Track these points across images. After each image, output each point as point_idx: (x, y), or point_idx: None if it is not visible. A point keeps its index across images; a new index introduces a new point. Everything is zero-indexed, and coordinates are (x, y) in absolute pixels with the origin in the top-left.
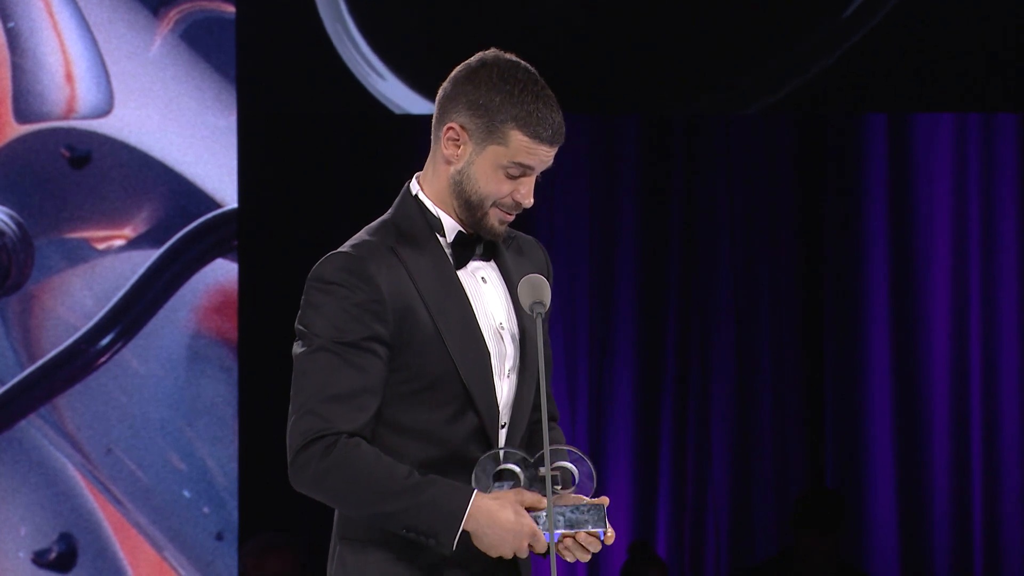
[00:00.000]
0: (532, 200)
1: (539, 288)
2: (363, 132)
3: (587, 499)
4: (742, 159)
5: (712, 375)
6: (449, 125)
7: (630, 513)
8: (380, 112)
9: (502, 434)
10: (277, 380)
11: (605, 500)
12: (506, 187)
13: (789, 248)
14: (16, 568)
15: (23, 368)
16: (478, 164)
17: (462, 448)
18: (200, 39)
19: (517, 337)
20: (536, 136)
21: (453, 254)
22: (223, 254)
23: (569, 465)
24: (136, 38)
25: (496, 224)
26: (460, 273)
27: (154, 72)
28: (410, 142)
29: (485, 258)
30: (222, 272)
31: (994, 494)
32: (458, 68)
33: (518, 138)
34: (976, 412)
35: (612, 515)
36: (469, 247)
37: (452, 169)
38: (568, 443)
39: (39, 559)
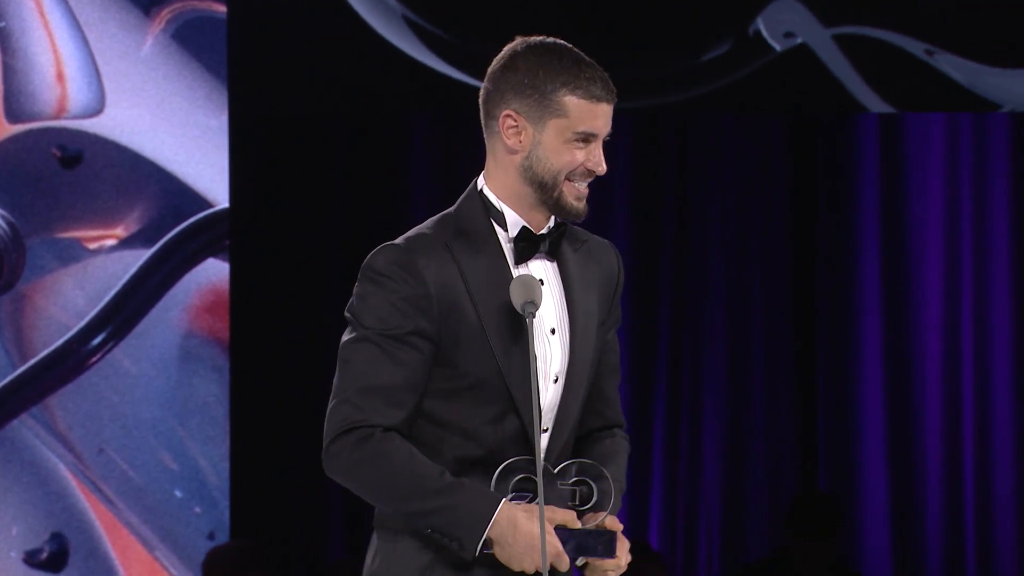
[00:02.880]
0: (605, 166)
1: (531, 288)
2: (355, 132)
3: (604, 516)
4: (734, 159)
5: (704, 376)
6: (505, 113)
7: (623, 515)
8: (375, 110)
9: (544, 438)
10: (269, 379)
11: (618, 526)
12: (578, 157)
13: (781, 249)
14: (7, 568)
15: (14, 368)
16: (544, 143)
17: (501, 449)
18: (192, 39)
19: (568, 342)
20: (590, 95)
21: (514, 250)
22: (214, 254)
23: (591, 482)
24: (127, 38)
25: (573, 201)
26: (518, 273)
27: (145, 72)
28: (403, 140)
29: (549, 258)
30: (214, 272)
31: (986, 496)
32: (492, 65)
33: (574, 103)
34: (968, 413)
35: None
36: (532, 243)
37: (519, 158)
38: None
39: (31, 559)
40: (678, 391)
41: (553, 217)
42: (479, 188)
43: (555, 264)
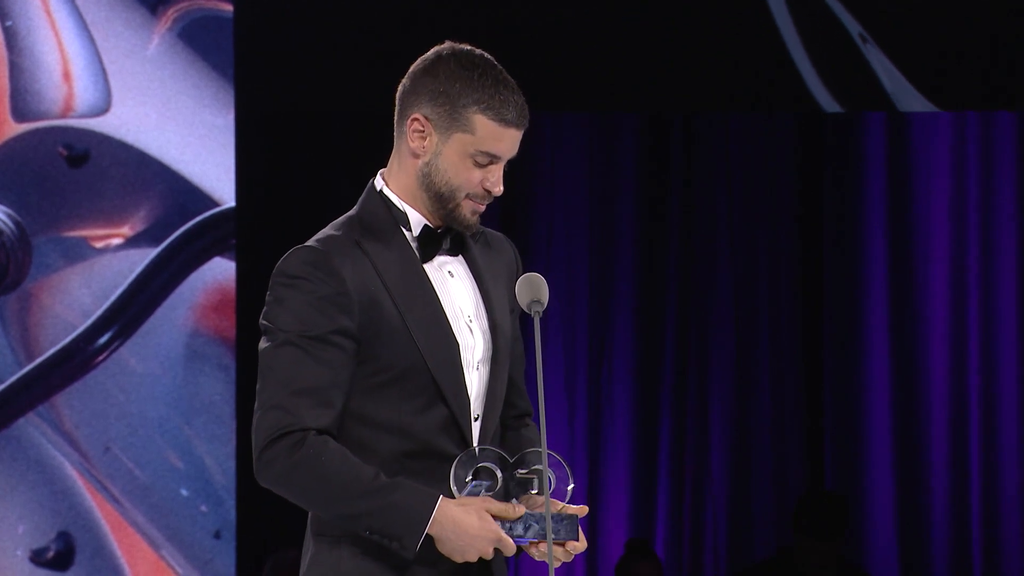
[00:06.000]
0: (502, 188)
1: (537, 287)
2: (362, 131)
3: (563, 504)
4: (741, 158)
5: (711, 374)
6: (413, 117)
7: (629, 513)
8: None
9: (475, 426)
10: None
11: (584, 510)
12: (476, 176)
13: (788, 248)
14: (14, 566)
15: (21, 366)
16: (445, 154)
17: (434, 440)
18: (198, 38)
19: (487, 330)
20: (501, 118)
21: (419, 248)
22: (221, 252)
23: (548, 470)
24: (134, 37)
25: (468, 215)
26: (427, 267)
27: (152, 71)
28: None
29: (452, 253)
30: (220, 270)
31: (993, 494)
32: (415, 63)
33: (482, 122)
34: (975, 412)
35: (612, 515)
36: (435, 241)
37: (420, 162)
38: (565, 442)
39: (37, 557)
40: (684, 390)
41: None
42: (378, 189)
43: (459, 257)
